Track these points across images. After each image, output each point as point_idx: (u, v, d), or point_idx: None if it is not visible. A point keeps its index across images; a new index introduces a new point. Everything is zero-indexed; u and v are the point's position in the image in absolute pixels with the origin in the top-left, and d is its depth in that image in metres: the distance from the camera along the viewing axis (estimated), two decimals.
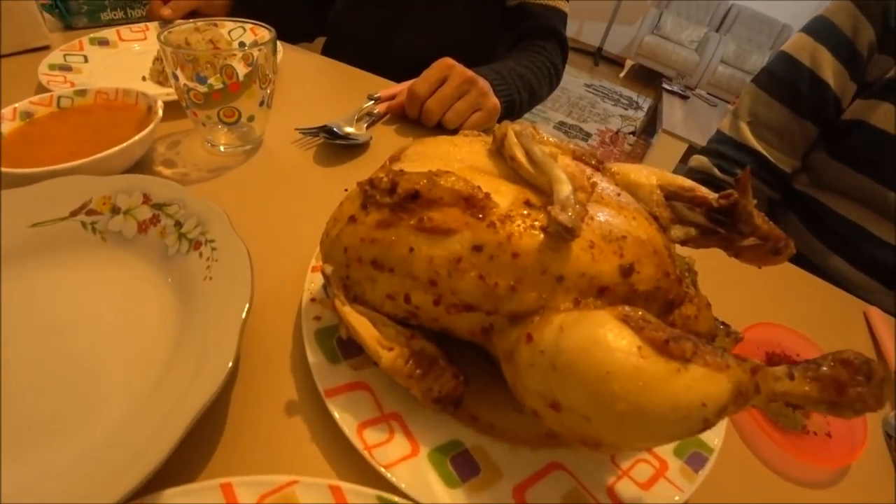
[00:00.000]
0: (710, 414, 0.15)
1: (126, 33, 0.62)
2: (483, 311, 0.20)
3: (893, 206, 0.52)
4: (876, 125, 0.52)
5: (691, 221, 0.26)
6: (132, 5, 0.71)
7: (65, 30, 0.65)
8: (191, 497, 0.19)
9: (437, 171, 0.22)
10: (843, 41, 0.54)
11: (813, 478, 0.28)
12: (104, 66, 0.55)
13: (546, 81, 0.70)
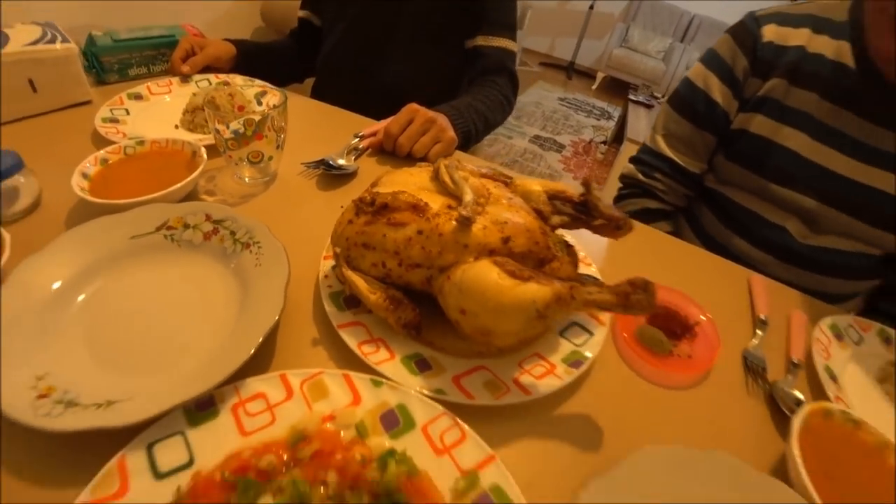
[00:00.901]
0: (539, 307, 0.30)
1: (154, 88, 0.77)
2: (425, 268, 0.35)
3: (776, 195, 0.67)
4: (755, 132, 0.67)
5: (565, 213, 0.41)
6: (154, 62, 0.86)
7: (99, 85, 0.78)
8: (263, 381, 0.33)
9: (398, 192, 0.36)
10: (726, 68, 0.69)
11: (674, 384, 0.42)
12: (143, 116, 0.69)
13: (499, 111, 0.86)
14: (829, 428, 0.38)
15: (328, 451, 0.29)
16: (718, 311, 0.48)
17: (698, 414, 0.40)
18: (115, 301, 0.39)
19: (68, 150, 0.58)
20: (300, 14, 1.03)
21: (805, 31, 0.63)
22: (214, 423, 0.31)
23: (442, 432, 0.32)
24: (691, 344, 0.46)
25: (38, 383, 0.31)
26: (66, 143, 0.61)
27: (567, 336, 0.41)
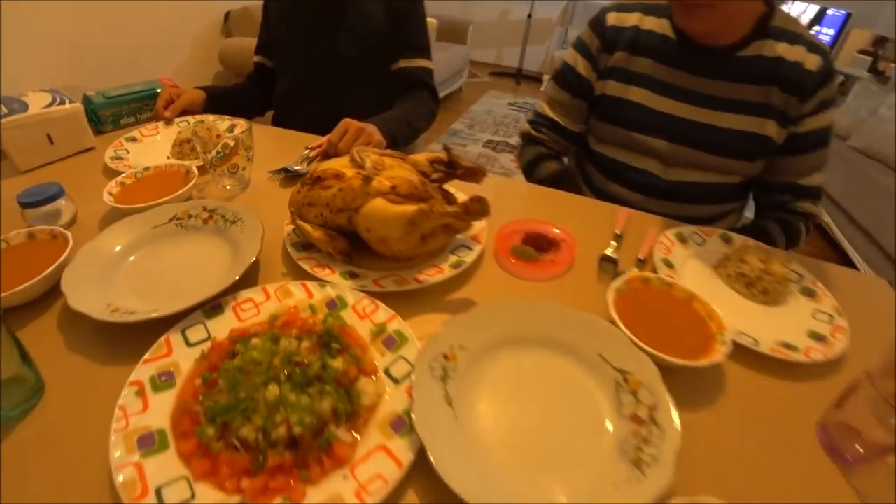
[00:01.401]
0: (409, 217, 0.51)
1: (145, 131, 0.97)
2: (347, 211, 0.56)
3: (636, 142, 0.87)
4: (610, 94, 0.88)
5: (440, 170, 0.62)
6: (140, 111, 1.06)
7: (98, 134, 0.97)
8: (251, 291, 0.53)
9: (327, 167, 0.57)
10: (585, 48, 0.91)
11: (537, 278, 0.62)
12: (140, 153, 0.89)
13: (423, 118, 1.08)
14: (647, 289, 0.57)
15: (292, 321, 0.49)
16: (586, 235, 0.69)
17: (556, 293, 0.60)
18: (149, 262, 0.59)
19: (88, 182, 0.77)
20: (255, 59, 1.25)
21: (637, 14, 0.86)
22: (222, 317, 0.50)
23: (364, 307, 0.51)
24: (555, 254, 0.66)
25: (109, 306, 0.50)
26: (84, 178, 0.81)
27: (455, 253, 0.62)
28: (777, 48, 0.77)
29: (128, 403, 0.41)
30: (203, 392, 0.41)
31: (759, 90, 0.78)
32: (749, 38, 0.77)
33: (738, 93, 0.79)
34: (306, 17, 1.10)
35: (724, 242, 0.74)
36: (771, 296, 0.65)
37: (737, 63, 0.78)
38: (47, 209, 0.66)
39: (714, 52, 0.79)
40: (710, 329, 0.52)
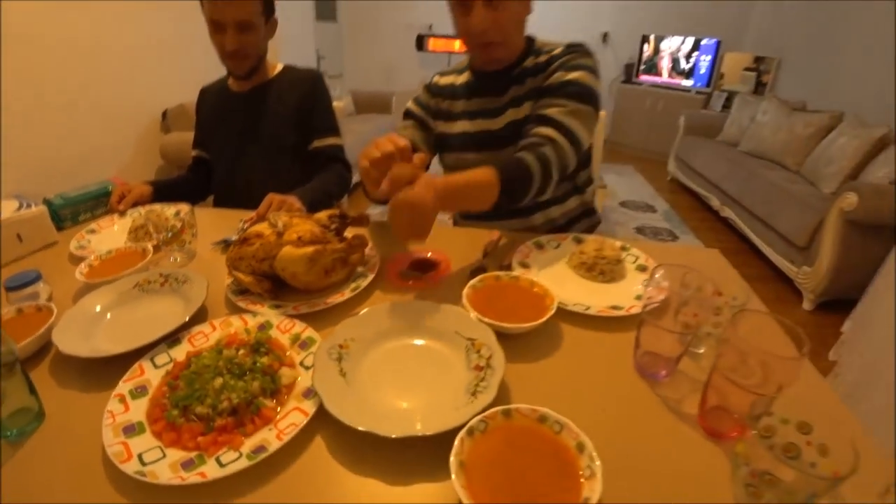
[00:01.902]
0: (309, 256, 0.73)
1: (102, 223, 1.15)
2: (267, 259, 0.76)
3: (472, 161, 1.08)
4: (440, 132, 1.17)
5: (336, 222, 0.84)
6: (95, 208, 1.23)
7: (59, 230, 1.12)
8: (200, 325, 0.71)
9: (249, 232, 0.78)
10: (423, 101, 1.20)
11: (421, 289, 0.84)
12: (100, 241, 1.06)
13: (338, 186, 1.31)
14: (498, 284, 0.78)
15: (232, 341, 0.68)
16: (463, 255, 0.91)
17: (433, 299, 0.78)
18: (121, 317, 0.77)
19: (56, 269, 0.94)
20: (193, 153, 1.47)
21: (453, 75, 1.18)
22: (180, 346, 0.68)
23: (285, 325, 0.71)
24: (434, 273, 0.88)
25: (91, 347, 0.68)
26: (53, 266, 0.97)
27: (355, 280, 0.83)
28: (533, 60, 1.06)
29: (113, 408, 0.58)
30: (168, 392, 0.59)
31: (522, 86, 1.06)
32: (523, 57, 1.07)
33: (523, 90, 1.06)
34: (231, 117, 1.35)
35: (576, 243, 0.97)
36: (608, 275, 0.88)
37: (510, 78, 1.07)
38: (28, 291, 0.82)
39: (496, 75, 1.08)
40: (545, 303, 0.74)
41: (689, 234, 3.36)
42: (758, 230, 2.97)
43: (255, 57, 1.29)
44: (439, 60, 5.50)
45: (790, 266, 2.60)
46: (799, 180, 3.01)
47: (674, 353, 0.64)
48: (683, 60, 5.10)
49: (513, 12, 0.98)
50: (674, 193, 4.25)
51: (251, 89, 1.35)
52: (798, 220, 2.55)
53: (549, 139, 0.92)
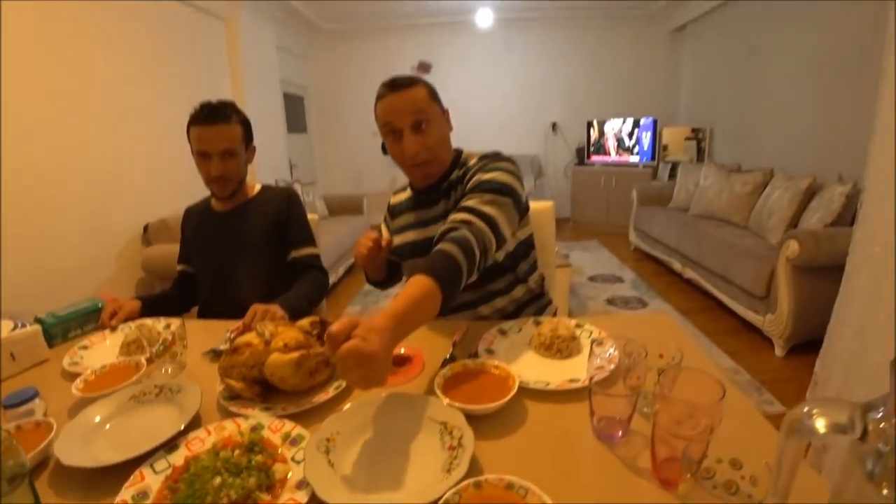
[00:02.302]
0: (295, 360, 0.81)
1: (94, 339, 1.21)
2: (256, 366, 0.84)
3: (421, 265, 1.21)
4: (398, 243, 1.30)
5: (317, 329, 0.93)
6: (85, 325, 1.30)
7: (49, 347, 1.18)
8: (196, 431, 0.78)
9: (238, 342, 0.87)
10: (385, 219, 1.37)
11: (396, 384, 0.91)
12: (93, 357, 1.12)
13: (317, 291, 1.41)
14: (466, 370, 0.87)
15: (227, 443, 0.74)
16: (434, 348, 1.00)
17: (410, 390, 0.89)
18: (119, 428, 0.83)
19: (49, 385, 0.99)
20: (178, 267, 1.58)
21: (402, 193, 1.35)
22: (178, 452, 0.74)
23: (275, 425, 0.78)
24: (408, 367, 0.96)
25: (91, 457, 0.73)
26: (45, 384, 1.00)
27: (338, 380, 0.90)
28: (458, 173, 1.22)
29: None
30: (170, 495, 0.65)
31: (456, 192, 1.19)
32: (449, 171, 1.24)
33: (451, 203, 1.19)
34: (214, 235, 1.48)
35: (535, 325, 1.08)
36: (565, 352, 0.98)
37: (440, 192, 1.23)
38: (24, 409, 0.86)
39: (428, 190, 1.25)
40: (508, 384, 0.83)
41: (658, 298, 3.51)
42: (719, 286, 3.15)
43: (237, 181, 1.45)
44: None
45: (755, 316, 2.75)
46: (747, 234, 3.26)
47: (625, 415, 0.73)
48: (627, 139, 5.59)
49: (437, 133, 1.16)
50: (638, 262, 4.48)
51: (233, 209, 1.50)
52: (753, 271, 2.75)
53: (464, 222, 0.98)
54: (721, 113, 4.89)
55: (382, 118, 1.14)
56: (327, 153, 6.45)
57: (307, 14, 5.05)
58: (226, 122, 1.36)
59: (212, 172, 1.37)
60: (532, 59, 5.89)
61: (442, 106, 1.20)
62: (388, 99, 1.13)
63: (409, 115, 1.11)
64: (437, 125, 1.15)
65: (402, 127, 1.12)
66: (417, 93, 1.13)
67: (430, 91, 1.17)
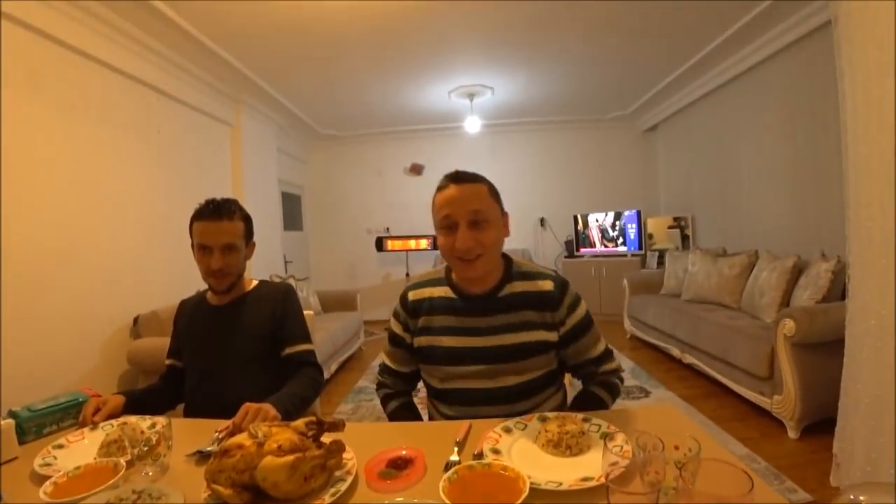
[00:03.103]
0: (290, 464, 0.76)
1: (71, 437, 1.12)
2: (248, 471, 0.78)
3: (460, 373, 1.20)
4: (424, 345, 1.25)
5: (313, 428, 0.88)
6: (62, 420, 1.21)
7: (20, 444, 1.09)
8: None
9: (229, 443, 0.82)
10: (399, 317, 1.30)
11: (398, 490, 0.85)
12: (69, 458, 1.01)
13: (311, 388, 1.37)
14: (472, 472, 0.81)
15: None
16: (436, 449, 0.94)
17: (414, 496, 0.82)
18: None
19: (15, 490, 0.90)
20: (167, 361, 1.53)
21: (428, 288, 1.29)
22: None
23: None
24: (411, 469, 0.90)
25: None
26: (10, 487, 0.92)
27: (334, 485, 0.84)
28: (519, 286, 1.23)
29: None
30: None
31: (516, 314, 1.20)
32: (501, 284, 1.23)
33: (506, 320, 1.20)
34: (206, 328, 1.45)
35: (540, 422, 1.03)
36: (574, 448, 0.93)
37: (497, 301, 1.22)
38: None
39: (481, 298, 1.23)
40: (518, 486, 0.77)
41: (660, 386, 3.42)
42: (721, 370, 3.08)
43: (236, 275, 1.46)
44: (398, 258, 6.24)
45: (762, 398, 2.66)
46: (741, 316, 3.25)
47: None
48: (610, 230, 5.81)
49: (493, 234, 1.16)
50: (635, 350, 4.42)
51: (228, 303, 1.49)
52: (752, 352, 2.70)
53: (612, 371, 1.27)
54: (700, 201, 5.14)
55: (441, 209, 1.15)
56: (322, 250, 6.58)
57: (307, 119, 5.37)
58: (229, 219, 1.40)
59: (212, 266, 1.37)
60: (517, 160, 6.25)
61: (502, 208, 1.21)
62: (450, 190, 1.15)
63: (468, 209, 1.12)
64: (494, 226, 1.16)
65: (459, 220, 1.12)
66: (479, 189, 1.16)
67: (492, 190, 1.19)
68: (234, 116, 4.29)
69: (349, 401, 3.49)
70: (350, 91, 4.56)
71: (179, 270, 3.01)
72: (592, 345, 1.24)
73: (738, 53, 3.87)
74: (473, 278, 1.20)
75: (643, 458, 0.71)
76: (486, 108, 5.27)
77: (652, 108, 5.55)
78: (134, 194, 3.04)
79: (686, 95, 4.89)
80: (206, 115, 3.91)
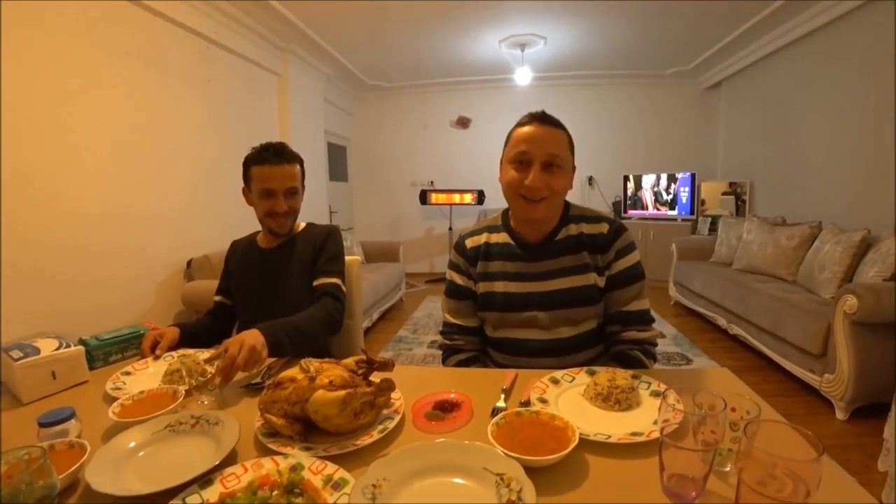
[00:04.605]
0: (342, 399, 0.76)
1: (137, 366, 1.19)
2: (299, 403, 0.80)
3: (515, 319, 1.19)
4: (483, 291, 1.23)
5: (363, 367, 0.89)
6: (126, 350, 1.29)
7: (90, 369, 1.17)
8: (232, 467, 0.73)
9: (282, 376, 0.84)
10: (457, 266, 1.28)
11: (444, 431, 0.86)
12: (135, 383, 1.10)
13: (319, 323, 1.32)
14: (519, 419, 0.81)
15: (265, 482, 0.69)
16: (482, 395, 0.95)
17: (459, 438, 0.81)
18: (151, 458, 0.79)
19: (86, 408, 0.96)
20: (216, 298, 1.58)
21: (484, 234, 1.27)
22: (212, 487, 0.69)
23: (316, 466, 0.72)
24: (458, 412, 0.91)
25: (122, 485, 0.69)
26: (82, 406, 0.97)
27: (382, 423, 0.85)
28: (575, 228, 1.20)
29: None
30: None
31: (574, 257, 1.18)
32: (558, 227, 1.20)
33: (560, 263, 1.18)
34: (256, 270, 1.49)
35: (588, 375, 1.01)
36: (623, 403, 0.91)
37: (554, 245, 1.20)
38: (59, 429, 0.83)
39: (539, 243, 1.21)
40: (567, 435, 0.76)
41: (702, 355, 3.33)
42: (770, 344, 2.96)
43: (296, 217, 1.50)
44: (441, 212, 6.17)
45: (811, 376, 2.54)
46: (797, 289, 3.08)
47: (700, 473, 0.66)
48: (664, 193, 5.52)
49: (562, 181, 1.15)
50: (679, 317, 4.30)
51: (277, 245, 1.52)
52: (806, 328, 2.57)
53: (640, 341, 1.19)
54: (761, 166, 4.80)
55: (518, 144, 1.14)
56: (366, 201, 6.63)
57: (354, 70, 5.30)
58: (289, 162, 1.43)
59: (278, 209, 1.41)
60: (566, 116, 5.81)
61: (574, 160, 1.20)
62: (532, 127, 1.14)
63: (546, 151, 1.11)
64: (565, 174, 1.15)
65: (534, 159, 1.12)
66: (560, 135, 1.15)
67: (570, 141, 1.18)
68: (282, 66, 4.27)
69: (389, 349, 3.59)
70: (398, 40, 4.44)
71: (229, 216, 3.11)
72: (630, 300, 1.18)
73: (816, 5, 3.51)
74: (532, 220, 1.19)
75: (699, 416, 0.68)
76: (538, 60, 5.04)
77: (716, 63, 5.15)
78: (185, 143, 3.10)
79: (755, 50, 4.50)
80: (255, 65, 3.91)
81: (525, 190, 1.12)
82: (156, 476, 0.73)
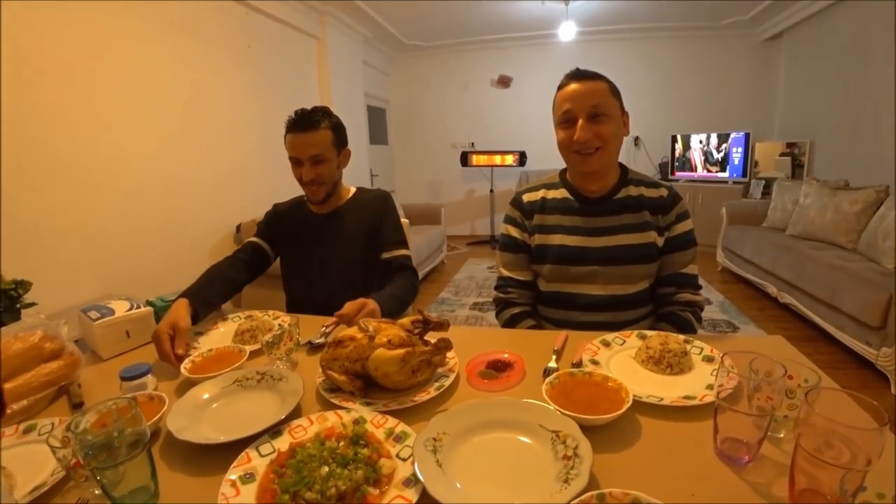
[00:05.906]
0: (401, 357, 0.80)
1: (209, 326, 1.27)
2: (360, 360, 0.84)
3: (568, 274, 1.21)
4: (538, 243, 1.24)
5: (419, 326, 0.92)
6: None
7: None
8: (299, 420, 0.78)
9: (342, 335, 0.88)
10: (513, 220, 1.30)
11: (498, 389, 0.89)
12: (207, 342, 1.18)
13: (409, 293, 1.40)
14: (573, 379, 0.83)
15: (331, 434, 0.74)
16: (534, 355, 0.97)
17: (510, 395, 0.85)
18: (222, 411, 0.85)
19: (158, 365, 1.04)
20: (254, 239, 1.54)
21: (542, 190, 1.28)
22: (282, 437, 0.74)
23: (378, 420, 0.76)
24: (510, 372, 0.93)
25: (199, 434, 0.75)
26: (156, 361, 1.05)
27: (438, 381, 0.88)
28: (635, 190, 1.21)
29: (226, 491, 0.63)
30: (276, 479, 0.65)
31: (634, 215, 1.19)
32: (617, 187, 1.20)
33: (620, 220, 1.19)
34: (310, 236, 1.51)
35: (639, 339, 1.02)
36: (675, 367, 0.91)
37: (613, 203, 1.20)
38: (137, 382, 0.90)
39: (599, 199, 1.21)
40: (621, 396, 0.78)
41: (750, 323, 3.25)
42: (823, 314, 2.84)
43: (330, 184, 1.46)
44: (482, 174, 6.08)
45: (867, 349, 2.44)
46: (857, 258, 2.91)
47: (753, 438, 0.66)
48: (715, 153, 5.26)
49: (611, 128, 1.15)
50: (726, 284, 4.18)
51: (331, 212, 1.53)
52: (865, 298, 2.44)
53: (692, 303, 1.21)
54: (823, 126, 4.47)
55: (561, 105, 1.16)
56: (406, 164, 6.61)
57: (391, 30, 5.22)
58: (314, 129, 1.39)
59: (304, 177, 1.42)
60: (612, 73, 5.59)
61: (622, 106, 1.19)
62: (570, 87, 1.16)
63: (587, 104, 1.13)
64: (613, 121, 1.15)
65: (578, 115, 1.13)
66: (599, 86, 1.15)
67: (612, 88, 1.17)
68: (320, 29, 4.25)
69: (432, 310, 3.66)
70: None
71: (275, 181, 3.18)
72: (685, 264, 1.22)
73: None
74: (590, 172, 1.19)
75: (755, 382, 0.68)
76: (583, 14, 4.82)
77: (778, 11, 4.75)
78: (229, 110, 3.16)
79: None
80: (294, 29, 3.90)
81: (576, 145, 1.14)
82: (228, 426, 0.79)
